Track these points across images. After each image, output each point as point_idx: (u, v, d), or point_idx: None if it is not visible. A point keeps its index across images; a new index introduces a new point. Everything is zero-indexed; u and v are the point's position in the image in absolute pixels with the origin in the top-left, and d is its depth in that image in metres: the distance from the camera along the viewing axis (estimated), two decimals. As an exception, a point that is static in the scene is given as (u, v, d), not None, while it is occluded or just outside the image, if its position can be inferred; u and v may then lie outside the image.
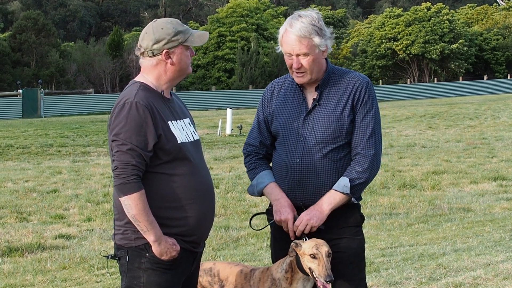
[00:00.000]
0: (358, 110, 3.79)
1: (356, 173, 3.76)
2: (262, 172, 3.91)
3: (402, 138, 21.41)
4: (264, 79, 50.24)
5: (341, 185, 3.75)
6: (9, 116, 36.10)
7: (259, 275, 3.89)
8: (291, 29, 3.72)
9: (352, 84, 3.81)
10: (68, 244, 8.54)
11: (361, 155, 3.77)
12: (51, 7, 72.18)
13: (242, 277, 3.93)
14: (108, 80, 52.57)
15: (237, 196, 11.62)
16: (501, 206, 10.34)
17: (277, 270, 3.82)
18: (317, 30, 3.72)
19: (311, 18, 3.74)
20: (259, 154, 3.96)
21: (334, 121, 3.77)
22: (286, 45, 3.76)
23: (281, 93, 3.93)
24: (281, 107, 3.89)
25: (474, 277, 6.40)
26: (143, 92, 3.56)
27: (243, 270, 3.97)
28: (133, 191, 3.42)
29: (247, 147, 3.99)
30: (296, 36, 3.70)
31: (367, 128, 3.78)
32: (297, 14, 3.78)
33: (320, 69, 3.81)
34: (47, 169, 15.84)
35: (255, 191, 3.93)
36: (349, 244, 3.81)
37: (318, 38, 3.72)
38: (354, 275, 3.83)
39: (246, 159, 4.00)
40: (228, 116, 24.48)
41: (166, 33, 3.57)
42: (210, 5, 77.96)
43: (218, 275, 4.03)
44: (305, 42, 3.70)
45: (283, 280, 3.77)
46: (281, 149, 3.87)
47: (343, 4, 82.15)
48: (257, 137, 3.97)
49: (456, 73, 61.89)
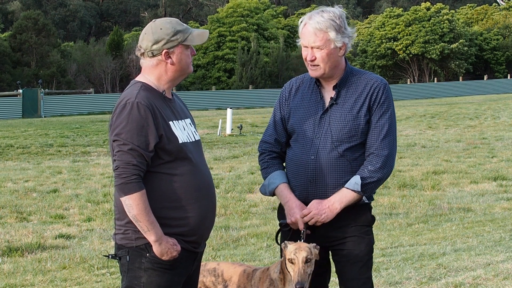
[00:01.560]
0: (375, 111, 3.82)
1: (368, 172, 3.78)
2: (274, 173, 3.94)
3: (402, 138, 21.41)
4: (264, 79, 50.23)
5: (352, 182, 3.77)
6: (9, 116, 36.09)
7: (260, 275, 3.91)
8: (310, 21, 3.78)
9: (370, 85, 3.84)
10: (68, 244, 8.54)
11: (375, 155, 3.80)
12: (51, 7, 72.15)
13: (244, 277, 3.95)
14: (108, 80, 52.54)
15: (237, 196, 11.62)
16: (501, 206, 10.34)
17: (274, 271, 3.85)
18: (335, 25, 3.76)
19: (332, 14, 3.78)
20: (273, 153, 3.99)
21: (350, 120, 3.80)
22: (303, 37, 3.81)
23: (299, 91, 3.97)
24: (299, 105, 3.92)
25: (474, 277, 6.40)
26: (145, 92, 3.56)
27: (246, 270, 3.99)
28: (134, 191, 3.42)
29: (262, 145, 4.03)
30: (313, 28, 3.76)
31: (382, 129, 3.81)
32: (321, 9, 3.83)
33: (336, 66, 3.84)
34: (47, 169, 15.84)
35: (267, 191, 3.96)
36: (358, 243, 3.83)
37: (334, 33, 3.75)
38: (361, 274, 3.85)
39: (260, 157, 4.05)
40: (228, 116, 24.47)
41: (165, 33, 3.57)
42: (210, 5, 77.95)
43: (222, 275, 4.04)
44: (320, 35, 3.75)
45: (278, 280, 3.81)
46: (297, 146, 3.89)
47: (343, 4, 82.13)
48: (272, 134, 4.00)
49: (456, 73, 61.87)
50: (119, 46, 53.21)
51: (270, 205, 10.63)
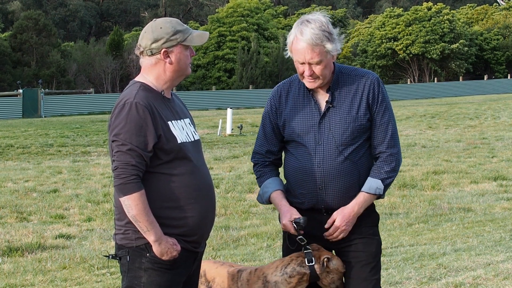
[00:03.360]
0: (376, 109, 3.77)
1: (386, 173, 3.76)
2: (266, 181, 3.91)
3: (402, 138, 21.41)
4: (265, 79, 50.23)
5: (374, 187, 3.74)
6: (9, 116, 36.09)
7: (247, 276, 3.84)
8: (302, 37, 3.64)
9: (363, 82, 3.78)
10: (68, 244, 8.54)
11: (388, 154, 3.77)
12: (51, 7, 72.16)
13: (229, 279, 3.89)
14: (108, 80, 52.55)
15: (237, 196, 11.62)
16: (501, 206, 10.34)
17: (274, 274, 3.74)
18: (328, 35, 3.65)
19: (320, 23, 3.65)
20: (266, 162, 3.94)
21: (351, 122, 3.74)
22: (297, 53, 3.67)
23: (290, 99, 3.85)
24: (293, 114, 3.82)
25: (474, 277, 6.40)
26: (143, 92, 3.56)
27: (230, 271, 3.92)
28: (133, 191, 3.42)
29: (254, 156, 3.98)
30: (308, 44, 3.63)
31: (388, 126, 3.78)
32: (304, 19, 3.69)
33: (330, 72, 3.77)
34: (47, 169, 15.84)
35: (263, 200, 3.96)
36: (368, 244, 3.80)
37: (330, 44, 3.65)
38: (371, 276, 3.81)
39: (254, 168, 4.00)
40: (228, 116, 24.48)
41: (165, 32, 3.57)
42: (210, 5, 77.96)
43: (204, 276, 4.00)
44: (317, 49, 3.64)
45: (283, 283, 3.71)
46: (299, 154, 3.80)
47: (343, 4, 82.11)
48: (262, 144, 3.93)
49: (456, 73, 61.88)
50: (119, 46, 53.22)
51: (270, 205, 10.61)
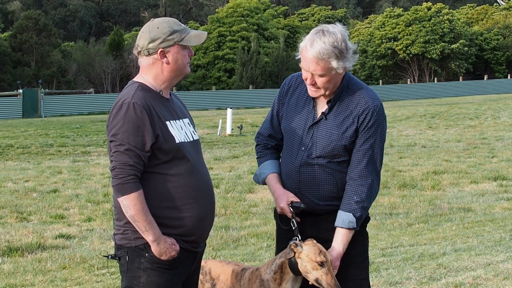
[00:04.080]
0: (361, 134, 3.72)
1: (356, 203, 3.72)
2: (265, 162, 3.97)
3: (402, 138, 21.42)
4: (265, 79, 50.24)
5: (346, 222, 3.72)
6: (9, 116, 36.10)
7: (249, 275, 3.86)
8: (311, 48, 3.61)
9: (361, 105, 3.73)
10: (68, 244, 8.54)
11: (358, 184, 3.73)
12: (51, 7, 72.17)
13: (233, 277, 3.91)
14: (108, 80, 52.55)
15: (237, 196, 11.62)
16: (501, 206, 10.35)
17: (265, 272, 3.77)
18: (338, 53, 3.59)
19: (334, 38, 3.60)
20: (268, 145, 4.00)
21: (335, 139, 3.73)
22: (304, 60, 3.67)
23: (295, 95, 3.89)
24: (292, 110, 3.87)
25: (474, 277, 6.40)
26: (141, 92, 3.56)
27: (235, 269, 3.94)
28: (131, 191, 3.42)
29: (258, 136, 4.05)
30: (314, 57, 3.61)
31: (365, 154, 3.73)
32: (322, 28, 3.65)
33: (336, 85, 3.75)
34: (47, 169, 15.84)
35: (259, 180, 3.98)
36: (351, 244, 3.78)
37: (336, 61, 3.60)
38: (357, 275, 3.83)
39: (255, 147, 4.08)
40: (228, 116, 24.48)
41: (162, 32, 3.57)
42: (210, 5, 77.96)
43: (209, 273, 4.01)
44: (322, 64, 3.61)
45: (272, 281, 3.73)
46: (286, 153, 3.89)
47: (343, 4, 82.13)
48: (267, 128, 4.00)
49: (456, 73, 61.87)
50: (119, 46, 53.22)
51: (270, 205, 10.63)
